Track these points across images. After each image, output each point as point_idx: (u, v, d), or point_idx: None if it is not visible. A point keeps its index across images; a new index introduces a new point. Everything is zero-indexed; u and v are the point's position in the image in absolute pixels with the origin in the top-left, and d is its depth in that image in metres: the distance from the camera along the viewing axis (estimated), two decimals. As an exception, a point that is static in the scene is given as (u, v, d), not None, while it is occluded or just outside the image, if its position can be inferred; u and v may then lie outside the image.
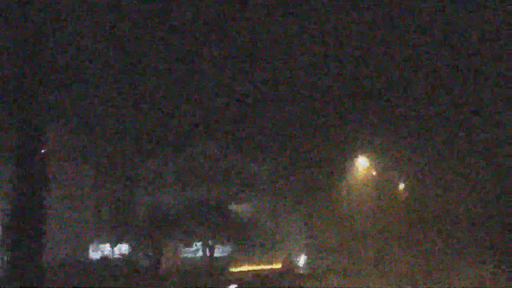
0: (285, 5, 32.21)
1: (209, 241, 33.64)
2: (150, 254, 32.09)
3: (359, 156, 37.20)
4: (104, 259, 31.54)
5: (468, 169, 35.20)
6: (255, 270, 33.22)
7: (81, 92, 29.77)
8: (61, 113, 29.14)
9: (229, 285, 31.00)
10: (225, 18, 31.59)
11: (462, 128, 35.48)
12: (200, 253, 33.79)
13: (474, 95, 33.64)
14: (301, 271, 34.81)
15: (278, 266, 34.10)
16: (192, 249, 33.63)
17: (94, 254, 32.80)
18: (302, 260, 35.21)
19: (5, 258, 21.65)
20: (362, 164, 37.45)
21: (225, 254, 33.91)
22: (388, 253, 35.59)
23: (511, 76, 32.60)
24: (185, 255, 33.36)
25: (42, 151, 21.93)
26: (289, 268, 34.36)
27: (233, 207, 34.48)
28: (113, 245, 32.60)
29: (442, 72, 34.78)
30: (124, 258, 31.54)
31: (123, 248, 32.32)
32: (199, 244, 33.80)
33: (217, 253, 33.72)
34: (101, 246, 32.88)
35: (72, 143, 32.18)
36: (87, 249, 32.76)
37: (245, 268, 33.19)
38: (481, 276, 31.81)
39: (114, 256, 32.18)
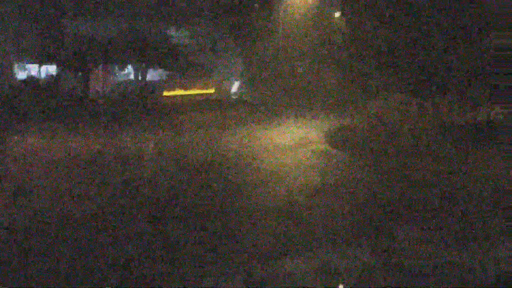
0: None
1: (142, 64, 32.64)
2: (79, 75, 30.87)
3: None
4: (30, 78, 30.13)
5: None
6: (188, 95, 32.78)
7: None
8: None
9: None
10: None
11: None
12: (131, 77, 32.88)
13: None
14: (233, 97, 34.71)
15: (211, 91, 33.74)
16: (124, 72, 32.65)
17: (21, 74, 31.45)
18: (234, 87, 34.97)
19: None
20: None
21: (158, 78, 33.17)
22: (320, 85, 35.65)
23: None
24: (116, 79, 32.41)
25: None
26: (222, 94, 34.08)
27: (171, 32, 33.13)
28: (40, 65, 31.17)
29: None
30: (51, 79, 30.24)
31: (51, 69, 30.96)
32: (130, 67, 32.82)
33: (149, 77, 32.94)
34: (28, 66, 31.39)
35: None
36: (12, 69, 31.33)
37: (178, 92, 32.62)
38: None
39: (41, 77, 30.86)
